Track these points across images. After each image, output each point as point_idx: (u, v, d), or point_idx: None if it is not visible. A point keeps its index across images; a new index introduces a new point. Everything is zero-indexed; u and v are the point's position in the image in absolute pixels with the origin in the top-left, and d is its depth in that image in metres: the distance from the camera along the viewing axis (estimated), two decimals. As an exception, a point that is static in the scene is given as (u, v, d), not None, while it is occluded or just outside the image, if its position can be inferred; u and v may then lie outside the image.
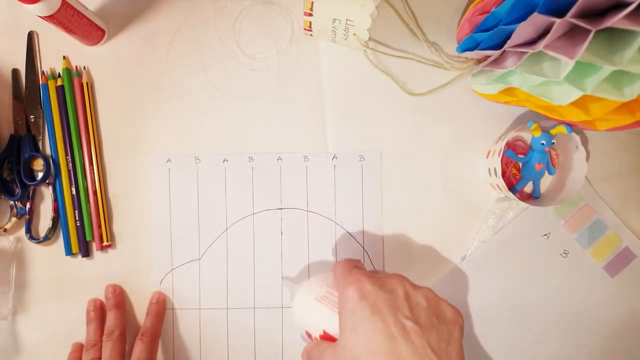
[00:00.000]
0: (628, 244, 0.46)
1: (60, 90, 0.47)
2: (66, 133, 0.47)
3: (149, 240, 0.47)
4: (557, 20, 0.30)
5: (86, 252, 0.47)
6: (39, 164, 0.47)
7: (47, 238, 0.47)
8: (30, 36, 0.48)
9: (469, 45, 0.41)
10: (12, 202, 0.47)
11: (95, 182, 0.47)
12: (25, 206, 0.47)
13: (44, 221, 0.48)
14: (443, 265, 0.47)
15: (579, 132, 0.46)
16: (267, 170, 0.47)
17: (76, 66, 0.48)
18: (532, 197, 0.47)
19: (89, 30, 0.45)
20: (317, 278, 0.40)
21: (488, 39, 0.38)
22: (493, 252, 0.47)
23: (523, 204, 0.46)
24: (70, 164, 0.47)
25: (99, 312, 0.46)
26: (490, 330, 0.47)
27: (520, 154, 0.46)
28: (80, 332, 0.47)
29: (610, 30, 0.31)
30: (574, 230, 0.47)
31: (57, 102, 0.47)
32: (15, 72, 0.48)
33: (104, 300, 0.47)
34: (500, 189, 0.44)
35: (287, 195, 0.47)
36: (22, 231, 0.47)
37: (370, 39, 0.43)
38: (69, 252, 0.47)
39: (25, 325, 0.47)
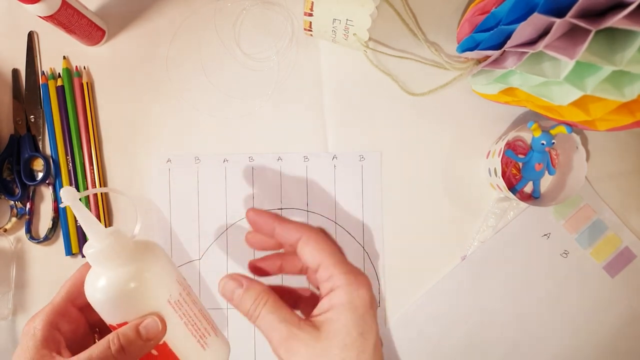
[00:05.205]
0: (628, 244, 0.46)
1: (60, 90, 0.47)
2: (66, 133, 0.47)
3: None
4: (557, 21, 0.30)
5: (86, 252, 0.47)
6: (39, 164, 0.47)
7: (47, 238, 0.47)
8: (30, 36, 0.48)
9: (469, 45, 0.41)
10: (12, 202, 0.47)
11: (95, 182, 0.47)
12: (25, 206, 0.47)
13: (44, 221, 0.48)
14: (443, 265, 0.47)
15: (579, 132, 0.46)
16: (267, 170, 0.47)
17: (76, 66, 0.48)
18: (532, 197, 0.47)
19: (89, 30, 0.45)
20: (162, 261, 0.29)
21: (488, 39, 0.38)
22: (493, 252, 0.47)
23: (523, 204, 0.46)
24: (70, 164, 0.47)
25: None
26: (490, 330, 0.47)
27: (520, 154, 0.46)
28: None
29: (610, 30, 0.31)
30: (574, 230, 0.47)
31: (57, 102, 0.47)
32: (15, 72, 0.48)
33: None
34: (500, 189, 0.44)
35: (287, 195, 0.47)
36: (22, 231, 0.47)
37: (370, 39, 0.43)
38: (69, 252, 0.47)
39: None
